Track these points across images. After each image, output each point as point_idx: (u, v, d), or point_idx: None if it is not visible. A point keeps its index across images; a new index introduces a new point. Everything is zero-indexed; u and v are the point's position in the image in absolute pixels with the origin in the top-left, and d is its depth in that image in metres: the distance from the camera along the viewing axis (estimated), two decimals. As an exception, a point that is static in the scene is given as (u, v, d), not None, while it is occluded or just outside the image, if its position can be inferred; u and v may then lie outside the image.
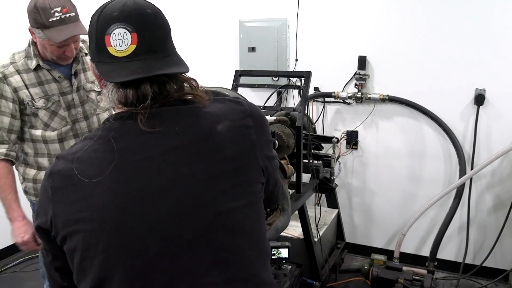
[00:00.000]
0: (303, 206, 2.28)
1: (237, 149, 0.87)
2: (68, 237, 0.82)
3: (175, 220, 0.79)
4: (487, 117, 2.66)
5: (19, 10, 1.67)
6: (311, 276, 2.40)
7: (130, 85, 0.81)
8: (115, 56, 0.82)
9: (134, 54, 0.81)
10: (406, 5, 2.73)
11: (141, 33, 0.81)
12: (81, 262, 0.81)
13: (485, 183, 2.76)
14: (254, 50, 3.06)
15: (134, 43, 0.81)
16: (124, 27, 0.81)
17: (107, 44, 0.82)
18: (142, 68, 0.81)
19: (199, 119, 0.86)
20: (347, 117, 3.04)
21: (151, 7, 0.85)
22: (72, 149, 0.87)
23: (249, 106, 0.93)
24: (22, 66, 1.69)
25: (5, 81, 1.66)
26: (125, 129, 0.83)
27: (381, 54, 2.84)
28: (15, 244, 1.79)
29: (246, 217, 0.86)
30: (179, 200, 0.80)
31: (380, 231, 3.12)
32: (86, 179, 0.80)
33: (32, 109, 1.71)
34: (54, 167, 0.85)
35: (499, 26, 2.53)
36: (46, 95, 1.72)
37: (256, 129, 0.91)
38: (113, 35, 0.81)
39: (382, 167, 3.01)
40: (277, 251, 1.84)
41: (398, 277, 2.53)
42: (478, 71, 2.62)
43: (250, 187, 0.88)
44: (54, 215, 0.82)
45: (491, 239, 2.70)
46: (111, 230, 0.79)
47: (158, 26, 0.85)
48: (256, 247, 0.88)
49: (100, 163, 0.81)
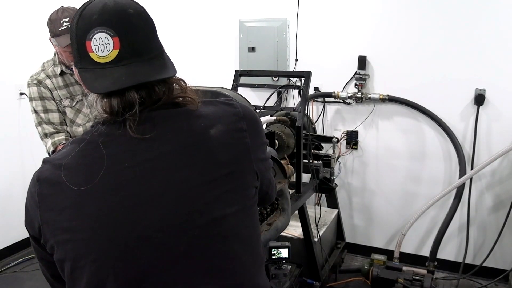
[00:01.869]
0: (303, 206, 2.28)
1: (231, 153, 0.84)
2: (56, 246, 0.79)
3: (168, 228, 0.77)
4: (487, 117, 2.66)
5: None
6: (311, 276, 2.40)
7: (114, 94, 0.78)
8: (98, 62, 0.78)
9: (118, 60, 0.77)
10: (406, 5, 2.73)
11: (123, 37, 0.77)
12: (72, 273, 0.78)
13: (485, 183, 2.76)
14: (254, 50, 3.06)
15: (116, 47, 0.77)
16: (104, 31, 0.76)
17: (88, 50, 0.77)
18: (126, 75, 0.77)
19: (192, 122, 0.83)
20: (347, 117, 3.04)
21: (133, 6, 0.80)
22: (59, 154, 0.83)
23: (242, 108, 0.90)
24: (51, 73, 1.99)
25: (41, 85, 1.96)
26: (115, 134, 0.80)
27: (381, 54, 2.84)
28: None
29: (241, 222, 0.84)
30: (172, 207, 0.77)
31: (380, 231, 3.12)
32: (75, 186, 0.77)
33: (61, 108, 1.99)
34: (41, 173, 0.82)
35: (499, 26, 2.53)
36: (71, 95, 2.00)
37: (250, 132, 0.88)
38: (94, 40, 0.77)
39: (382, 167, 3.01)
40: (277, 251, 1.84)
41: (398, 277, 2.52)
42: (478, 71, 2.62)
43: (244, 192, 0.86)
44: (42, 223, 0.80)
45: (491, 239, 2.70)
46: (102, 240, 0.76)
47: (141, 26, 0.80)
48: (251, 252, 0.86)
49: (88, 170, 0.78)
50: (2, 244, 3.12)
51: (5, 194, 3.16)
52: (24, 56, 3.04)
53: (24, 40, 3.10)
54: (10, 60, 3.04)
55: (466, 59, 2.63)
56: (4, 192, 3.15)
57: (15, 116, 3.07)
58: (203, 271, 0.79)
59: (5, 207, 3.15)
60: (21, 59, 3.04)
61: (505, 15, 2.51)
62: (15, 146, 3.14)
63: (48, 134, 1.96)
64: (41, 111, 1.95)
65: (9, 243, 3.16)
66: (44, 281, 0.96)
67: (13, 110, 3.09)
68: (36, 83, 1.95)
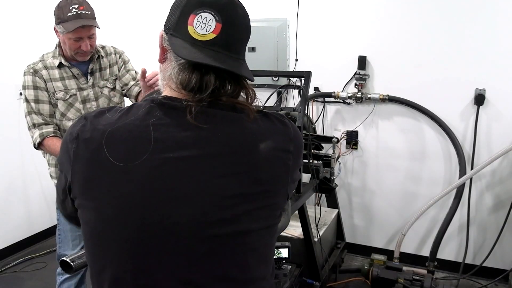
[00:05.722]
0: (303, 206, 2.27)
1: (271, 172, 0.84)
2: (82, 207, 0.80)
3: (195, 229, 0.77)
4: (487, 117, 2.66)
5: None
6: (311, 276, 2.40)
7: (196, 70, 0.78)
8: (191, 37, 0.78)
9: (210, 43, 0.78)
10: (406, 5, 2.73)
11: (225, 26, 0.79)
12: (90, 238, 0.81)
13: (485, 183, 2.76)
14: (254, 50, 3.06)
15: (215, 32, 0.78)
16: (212, 13, 0.78)
17: (189, 22, 0.78)
18: (214, 58, 0.77)
19: (244, 132, 0.82)
20: (347, 117, 3.04)
21: (242, 8, 0.83)
22: (104, 117, 0.81)
23: (293, 129, 0.89)
24: (49, 64, 1.97)
25: (36, 75, 1.94)
26: (167, 119, 0.79)
27: (381, 54, 2.84)
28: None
29: (262, 239, 0.85)
30: (204, 210, 0.77)
31: (380, 231, 3.12)
32: (114, 160, 0.76)
33: (54, 100, 1.97)
34: (82, 132, 0.80)
35: (499, 25, 2.53)
36: (66, 88, 1.98)
37: (294, 155, 0.88)
38: (199, 16, 0.78)
39: (382, 167, 3.01)
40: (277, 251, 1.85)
41: (398, 277, 2.53)
42: (478, 71, 2.62)
43: (272, 212, 0.86)
44: (72, 181, 0.81)
45: (491, 239, 2.70)
46: (127, 222, 0.77)
47: (243, 28, 0.83)
48: (264, 268, 0.87)
49: (132, 148, 0.77)
50: (2, 244, 3.12)
51: (5, 194, 3.16)
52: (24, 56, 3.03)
53: (24, 40, 3.10)
54: (10, 60, 3.04)
55: (466, 59, 2.63)
56: (4, 192, 3.15)
57: (15, 116, 3.06)
58: (216, 277, 0.80)
59: (5, 207, 3.16)
60: (21, 59, 3.03)
61: (505, 15, 2.51)
62: (15, 146, 3.14)
63: (36, 124, 1.93)
64: (32, 101, 1.93)
65: (9, 243, 3.16)
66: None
67: (13, 110, 3.08)
68: (32, 72, 1.92)
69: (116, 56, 2.13)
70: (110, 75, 2.09)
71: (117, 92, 2.12)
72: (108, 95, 2.08)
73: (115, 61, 2.12)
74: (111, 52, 2.11)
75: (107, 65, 2.08)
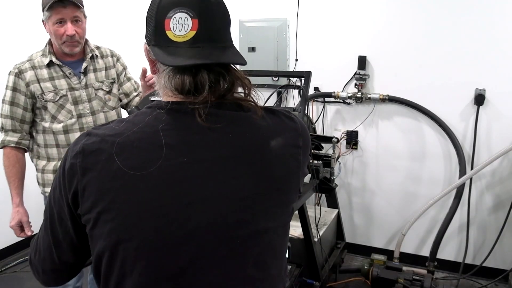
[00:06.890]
0: (303, 206, 2.27)
1: (284, 169, 0.84)
2: (95, 220, 0.77)
3: (214, 232, 0.77)
4: (487, 117, 2.66)
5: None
6: (311, 276, 2.40)
7: (187, 72, 0.78)
8: (173, 41, 0.78)
9: (193, 41, 0.78)
10: (406, 5, 2.73)
11: (202, 20, 0.78)
12: (107, 250, 0.78)
13: (485, 183, 2.76)
14: (254, 50, 3.06)
15: (194, 29, 0.78)
16: (186, 12, 0.78)
17: (166, 28, 0.78)
18: (199, 54, 0.77)
19: (254, 131, 0.82)
20: (347, 117, 3.04)
21: None
22: (109, 128, 0.80)
23: (300, 124, 0.90)
24: (38, 63, 1.88)
25: (19, 76, 1.86)
26: (176, 124, 0.78)
27: (381, 54, 2.84)
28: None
29: (278, 237, 0.85)
30: (223, 212, 0.77)
31: (380, 231, 3.12)
32: (128, 169, 0.75)
33: (42, 102, 1.87)
34: (87, 145, 0.78)
35: (499, 26, 2.53)
36: (56, 89, 1.88)
37: (303, 149, 0.89)
38: (174, 19, 0.78)
39: (382, 167, 3.01)
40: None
41: (398, 277, 2.53)
42: (478, 71, 2.62)
43: (286, 208, 0.86)
44: (82, 195, 0.77)
45: (491, 239, 2.70)
46: (148, 230, 0.75)
47: (220, 15, 0.83)
48: (280, 266, 0.88)
49: (145, 156, 0.76)
50: (2, 244, 3.11)
51: (5, 194, 3.15)
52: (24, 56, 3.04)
53: (24, 40, 3.09)
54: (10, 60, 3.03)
55: (466, 59, 2.63)
56: (4, 192, 3.15)
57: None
58: (237, 278, 0.80)
59: (5, 207, 3.14)
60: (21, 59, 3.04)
61: (505, 15, 2.51)
62: (15, 146, 3.14)
63: (4, 129, 1.89)
64: (7, 102, 1.86)
65: (9, 243, 3.15)
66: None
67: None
68: (16, 73, 1.86)
69: (114, 60, 2.06)
70: (107, 77, 2.01)
71: (113, 96, 2.04)
72: (103, 98, 1.99)
73: (113, 64, 2.05)
74: (108, 55, 2.04)
75: (103, 67, 2.00)
